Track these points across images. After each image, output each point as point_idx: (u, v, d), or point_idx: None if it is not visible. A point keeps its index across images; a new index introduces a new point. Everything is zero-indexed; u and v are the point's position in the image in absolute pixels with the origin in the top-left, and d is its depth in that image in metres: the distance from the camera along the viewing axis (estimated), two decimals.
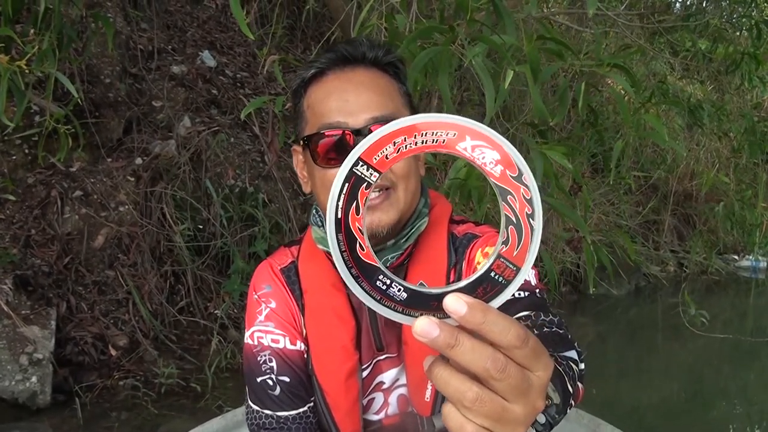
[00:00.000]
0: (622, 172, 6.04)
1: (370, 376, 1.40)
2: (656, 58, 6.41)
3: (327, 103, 1.28)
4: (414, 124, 0.71)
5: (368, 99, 1.27)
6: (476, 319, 0.61)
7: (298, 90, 1.36)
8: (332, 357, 1.35)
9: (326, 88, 1.30)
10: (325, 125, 1.26)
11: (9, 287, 3.80)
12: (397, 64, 1.36)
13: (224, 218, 4.92)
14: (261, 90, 6.02)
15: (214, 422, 2.20)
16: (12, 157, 4.39)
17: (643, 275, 8.25)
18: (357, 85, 1.28)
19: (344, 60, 1.32)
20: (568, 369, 1.03)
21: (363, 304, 1.28)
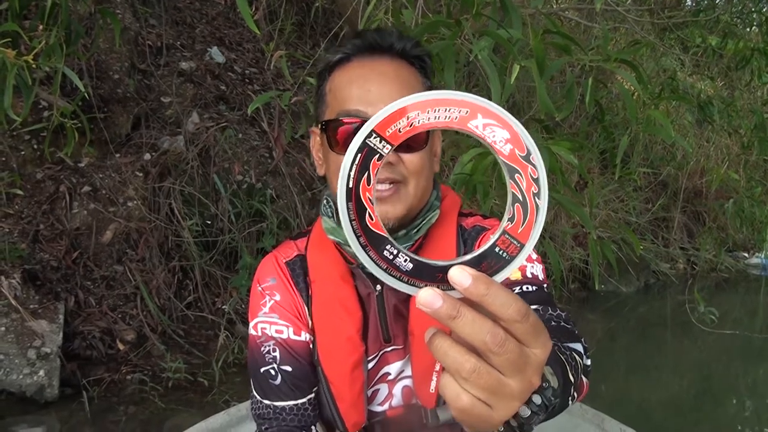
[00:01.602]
0: (632, 169, 6.01)
1: (375, 368, 1.40)
2: (666, 54, 6.38)
3: (348, 90, 1.28)
4: (428, 99, 0.72)
5: (390, 90, 1.26)
6: (479, 290, 0.63)
7: (323, 73, 1.36)
8: (338, 348, 1.35)
9: (350, 74, 1.30)
10: (344, 112, 1.26)
11: (17, 282, 3.82)
12: (424, 57, 1.35)
13: (232, 214, 4.93)
14: (269, 86, 6.02)
15: (218, 417, 2.21)
16: (21, 153, 4.40)
17: (652, 272, 8.22)
18: (380, 75, 1.28)
19: (371, 48, 1.31)
20: (571, 359, 1.04)
21: (370, 296, 1.29)
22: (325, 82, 1.35)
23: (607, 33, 2.10)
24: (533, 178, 0.73)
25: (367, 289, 1.38)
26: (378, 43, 1.31)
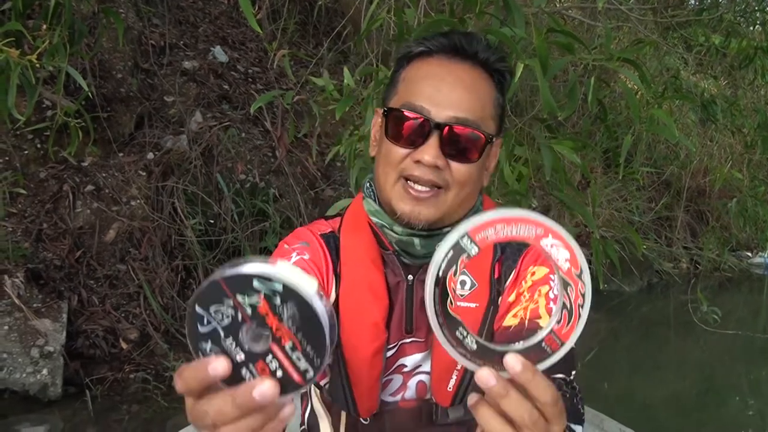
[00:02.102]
0: (635, 168, 6.00)
1: (393, 357, 1.39)
2: (670, 53, 6.37)
3: (421, 85, 1.27)
4: (515, 216, 0.87)
5: (460, 97, 1.25)
6: (527, 377, 0.78)
7: (401, 60, 1.35)
8: (362, 332, 1.34)
9: (426, 70, 1.29)
10: (409, 105, 1.25)
11: (21, 281, 3.83)
12: (504, 73, 1.33)
13: (235, 213, 4.93)
14: (272, 85, 6.02)
15: None
16: (24, 152, 4.41)
17: (655, 272, 8.22)
18: (456, 80, 1.26)
19: (455, 50, 1.29)
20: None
21: (399, 284, 1.34)
22: (401, 70, 1.34)
23: (610, 32, 2.09)
24: (581, 292, 0.89)
25: (396, 277, 1.37)
26: (463, 47, 1.29)
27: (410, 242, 1.32)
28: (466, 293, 1.37)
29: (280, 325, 0.68)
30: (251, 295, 0.67)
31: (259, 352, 0.69)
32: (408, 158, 1.25)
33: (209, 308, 0.68)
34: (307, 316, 0.67)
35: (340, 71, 2.57)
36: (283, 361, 0.69)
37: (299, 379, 0.69)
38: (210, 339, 0.69)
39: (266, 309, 0.67)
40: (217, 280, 0.67)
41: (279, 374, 0.69)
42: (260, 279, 0.67)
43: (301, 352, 0.68)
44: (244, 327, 0.68)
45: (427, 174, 1.23)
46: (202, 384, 0.68)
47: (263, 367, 0.69)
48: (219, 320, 0.68)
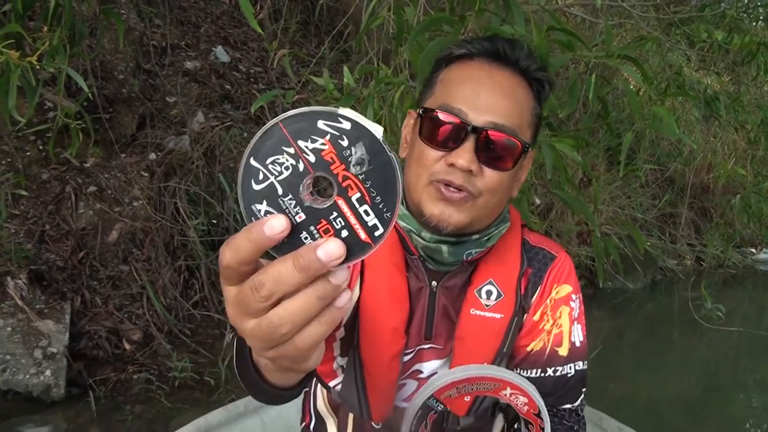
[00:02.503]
0: (638, 165, 5.99)
1: (409, 362, 1.40)
2: (672, 50, 6.36)
3: (459, 88, 1.26)
4: (472, 376, 0.98)
5: (498, 103, 1.24)
6: None
7: (440, 61, 1.34)
8: (381, 336, 1.34)
9: (466, 72, 1.28)
10: (446, 106, 1.24)
11: (23, 282, 3.83)
12: (544, 83, 1.33)
13: (238, 213, 4.93)
14: (274, 85, 6.02)
15: (216, 414, 2.21)
16: (26, 154, 4.41)
17: (659, 269, 8.20)
18: (496, 85, 1.26)
19: (497, 55, 1.29)
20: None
21: (421, 290, 1.35)
22: (440, 71, 1.33)
23: (610, 29, 2.09)
24: (541, 427, 1.03)
25: (420, 282, 1.37)
26: (505, 53, 1.28)
27: (438, 249, 1.31)
28: (491, 303, 1.38)
29: (347, 173, 0.59)
30: (315, 140, 0.59)
31: (322, 208, 0.60)
32: (441, 161, 1.24)
33: (266, 160, 0.59)
34: (378, 159, 0.59)
35: (342, 70, 2.56)
36: (349, 218, 0.60)
37: (366, 238, 0.60)
38: (265, 198, 0.60)
39: (332, 154, 0.59)
40: (276, 123, 0.59)
41: (344, 234, 0.60)
42: (326, 117, 0.59)
43: (369, 204, 0.60)
44: (305, 180, 0.60)
45: (459, 179, 1.22)
46: (256, 249, 0.57)
47: (326, 227, 0.60)
48: (277, 174, 0.59)
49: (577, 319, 1.45)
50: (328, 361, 1.41)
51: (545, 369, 1.42)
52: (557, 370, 1.41)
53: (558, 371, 1.41)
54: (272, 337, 0.59)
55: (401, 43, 2.36)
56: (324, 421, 1.53)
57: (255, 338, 0.61)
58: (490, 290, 1.37)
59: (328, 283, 0.57)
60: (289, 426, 2.31)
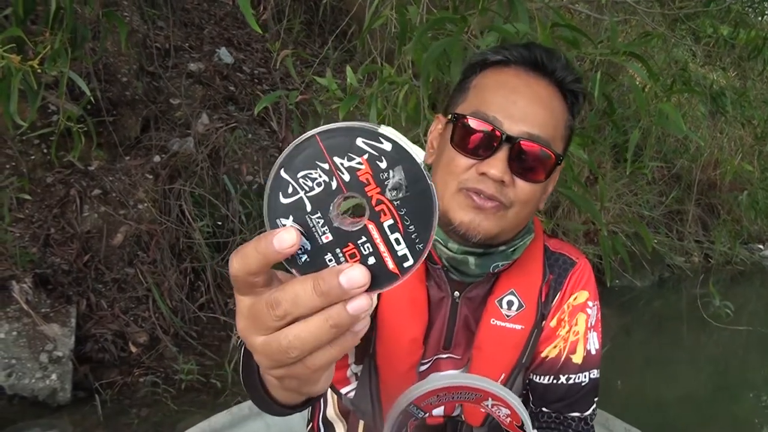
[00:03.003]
0: (644, 162, 5.97)
1: (426, 372, 1.38)
2: (678, 45, 6.33)
3: (495, 95, 1.23)
4: (453, 385, 0.98)
5: (535, 113, 1.22)
6: None
7: (474, 66, 1.32)
8: (399, 347, 1.33)
9: (502, 79, 1.26)
10: (480, 113, 1.22)
11: (29, 286, 3.82)
12: (578, 95, 1.31)
13: (243, 214, 4.93)
14: (278, 86, 6.01)
15: (220, 417, 2.20)
16: (30, 157, 4.41)
17: (667, 266, 8.15)
18: (533, 94, 1.23)
19: (534, 64, 1.26)
20: None
21: (443, 300, 1.35)
22: (472, 76, 1.31)
23: (615, 26, 2.07)
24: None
25: (441, 292, 1.36)
26: (543, 62, 1.26)
27: (464, 261, 1.28)
28: (512, 314, 1.37)
29: (381, 197, 0.56)
30: (352, 158, 0.55)
31: (351, 231, 0.57)
32: (472, 169, 1.22)
33: (298, 173, 0.56)
34: (416, 186, 0.56)
35: (345, 70, 2.55)
36: (379, 244, 0.57)
37: (394, 268, 0.57)
38: (292, 213, 0.57)
39: (368, 175, 0.56)
40: (313, 136, 0.56)
41: (371, 261, 0.57)
42: (367, 135, 0.55)
43: (402, 233, 0.56)
44: (336, 199, 0.56)
45: (490, 188, 1.20)
46: (264, 261, 0.54)
47: (353, 251, 0.57)
48: (308, 189, 0.56)
49: (594, 326, 1.44)
50: (342, 368, 1.39)
51: (558, 376, 1.41)
52: (570, 378, 1.41)
53: (571, 379, 1.41)
54: (281, 357, 0.57)
55: (404, 42, 2.34)
56: (333, 427, 1.51)
57: (263, 355, 0.59)
58: (512, 300, 1.35)
59: (345, 313, 0.54)
60: (294, 430, 2.30)
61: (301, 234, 0.56)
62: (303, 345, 0.55)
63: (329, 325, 0.53)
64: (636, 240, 6.84)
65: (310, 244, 0.57)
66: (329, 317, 0.53)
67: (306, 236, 0.57)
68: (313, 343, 0.55)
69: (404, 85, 2.45)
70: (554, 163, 1.24)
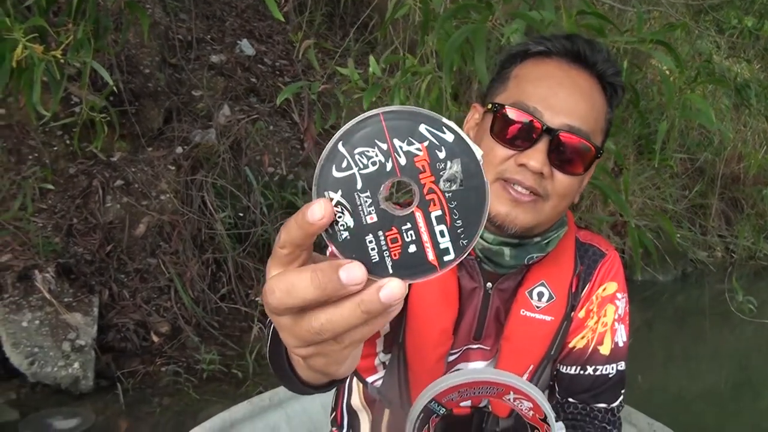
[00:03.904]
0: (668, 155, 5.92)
1: (454, 362, 1.38)
2: (702, 36, 6.26)
3: (536, 85, 1.22)
4: (476, 380, 0.97)
5: (576, 104, 1.21)
6: None
7: (515, 56, 1.31)
8: (429, 337, 1.33)
9: (544, 70, 1.25)
10: (521, 104, 1.20)
11: (52, 275, 3.86)
12: (617, 88, 1.30)
13: (264, 206, 4.94)
14: (300, 77, 6.00)
15: (241, 407, 2.20)
16: (53, 148, 4.44)
17: (689, 261, 8.08)
18: (574, 86, 1.23)
19: (576, 55, 1.25)
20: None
21: (475, 290, 1.34)
22: (512, 66, 1.30)
23: (642, 14, 2.04)
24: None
25: (473, 283, 1.35)
26: (585, 54, 1.25)
27: (500, 252, 1.28)
28: (542, 305, 1.36)
29: (434, 186, 0.55)
30: (412, 142, 0.55)
31: (397, 215, 0.55)
32: (511, 160, 1.21)
33: (355, 149, 0.55)
34: (470, 182, 0.55)
35: (367, 62, 2.54)
36: (422, 233, 0.55)
37: (434, 260, 0.55)
38: (341, 188, 0.55)
39: (425, 162, 0.55)
40: (377, 114, 0.55)
41: (411, 249, 0.55)
42: (431, 123, 0.54)
43: (448, 226, 0.55)
44: (388, 181, 0.55)
45: (528, 180, 1.19)
46: (303, 234, 0.53)
47: (395, 236, 0.55)
48: (362, 166, 0.55)
49: (622, 318, 1.44)
50: (370, 356, 1.39)
51: (585, 367, 1.41)
52: (597, 369, 1.40)
53: (598, 370, 1.41)
54: (311, 337, 0.56)
55: (427, 32, 2.33)
56: (357, 416, 1.51)
57: (290, 335, 0.58)
58: (542, 292, 1.35)
59: (378, 300, 0.52)
60: (314, 420, 2.30)
61: (347, 210, 0.55)
62: (334, 328, 0.54)
63: (361, 311, 0.53)
64: (659, 234, 6.78)
65: (353, 222, 0.55)
66: (362, 302, 0.52)
67: (351, 213, 0.55)
68: (344, 326, 0.54)
69: (427, 76, 2.43)
70: (594, 155, 1.23)
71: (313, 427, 2.29)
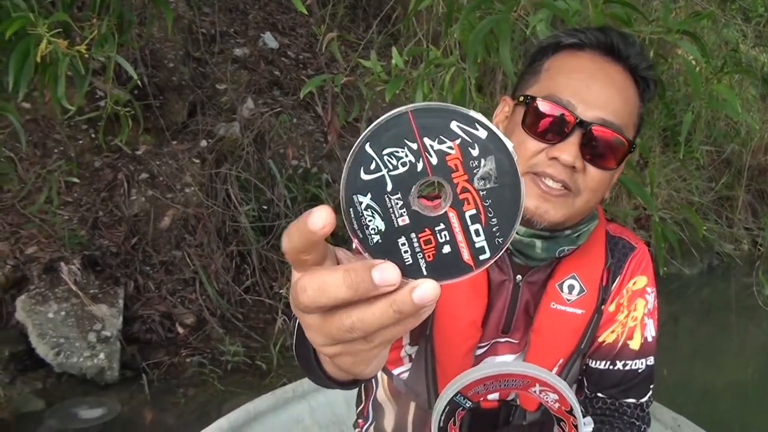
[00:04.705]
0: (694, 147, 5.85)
1: (482, 355, 1.37)
2: (728, 25, 6.17)
3: (569, 78, 1.21)
4: (501, 373, 0.98)
5: (609, 98, 1.19)
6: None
7: (546, 49, 1.29)
8: (457, 330, 1.32)
9: (577, 63, 1.24)
10: (554, 98, 1.19)
11: (77, 267, 3.90)
12: (650, 82, 1.28)
13: (288, 199, 4.95)
14: (323, 70, 6.01)
15: (264, 399, 2.22)
16: (79, 142, 4.49)
17: (716, 254, 7.99)
18: (607, 79, 1.21)
19: (609, 48, 1.24)
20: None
21: (504, 283, 1.34)
22: (544, 58, 1.28)
23: (668, 3, 2.02)
24: (574, 424, 1.05)
25: (503, 275, 1.34)
26: (618, 48, 1.24)
27: (531, 244, 1.27)
28: (573, 298, 1.35)
29: (468, 185, 0.53)
30: (444, 141, 0.52)
31: (429, 216, 0.54)
32: (542, 153, 1.19)
33: (383, 150, 0.53)
34: (505, 179, 0.53)
35: (390, 54, 2.53)
36: (457, 233, 0.54)
37: (469, 259, 0.54)
38: (371, 191, 0.53)
39: (458, 161, 0.53)
40: (405, 112, 0.52)
41: (446, 249, 0.54)
42: (462, 119, 0.52)
43: (483, 225, 0.54)
44: (419, 182, 0.53)
45: (560, 174, 1.18)
46: (304, 241, 0.52)
47: (428, 237, 0.54)
48: (391, 167, 0.53)
49: (651, 313, 1.43)
50: (396, 348, 1.38)
51: (614, 362, 1.40)
52: (627, 364, 1.40)
53: (627, 365, 1.40)
54: (341, 336, 0.55)
55: (451, 23, 2.32)
56: (382, 408, 1.50)
57: (316, 333, 0.57)
58: (573, 285, 1.34)
59: (410, 301, 0.51)
60: (337, 412, 2.30)
61: (377, 214, 0.53)
62: (365, 327, 0.53)
63: (393, 310, 0.51)
64: (685, 227, 6.71)
65: (384, 225, 0.54)
66: (394, 302, 0.51)
67: (382, 217, 0.54)
68: (376, 326, 0.53)
69: (451, 67, 2.42)
70: (626, 150, 1.21)
71: (336, 419, 2.30)
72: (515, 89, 1.35)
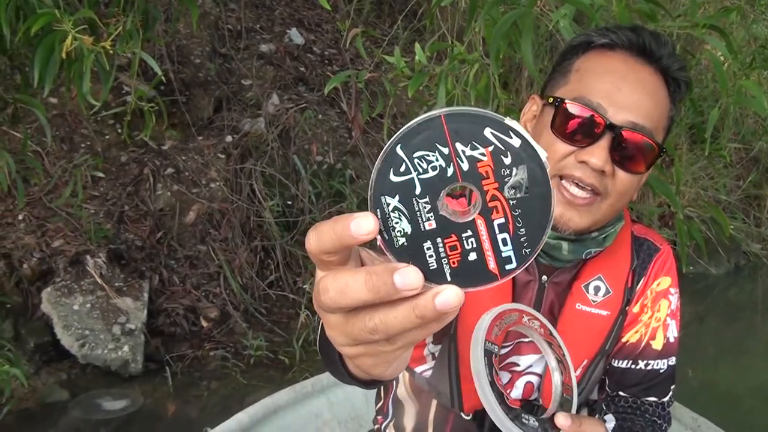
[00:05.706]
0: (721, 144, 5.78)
1: (506, 355, 1.37)
2: (757, 21, 6.08)
3: (600, 80, 1.20)
4: (503, 310, 1.10)
5: (640, 101, 1.18)
6: (574, 427, 1.08)
7: (576, 48, 1.28)
8: None
9: (608, 64, 1.22)
10: (584, 100, 1.17)
11: (103, 260, 3.94)
12: (681, 83, 1.26)
13: (312, 194, 4.96)
14: (348, 66, 6.01)
15: (284, 393, 2.23)
16: (105, 137, 4.53)
17: (742, 253, 7.89)
18: (639, 82, 1.20)
19: (641, 49, 1.22)
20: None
21: (529, 283, 1.39)
22: (574, 58, 1.27)
23: None
24: (560, 344, 1.18)
25: (528, 276, 1.34)
26: (651, 49, 1.22)
27: (558, 246, 1.26)
28: (599, 300, 1.34)
29: (498, 193, 0.53)
30: (476, 147, 0.52)
31: (457, 222, 0.53)
32: (571, 156, 1.18)
33: (414, 152, 0.52)
34: (536, 189, 0.53)
35: (414, 50, 2.52)
36: (484, 241, 0.53)
37: (495, 269, 0.54)
38: (399, 193, 0.52)
39: (489, 168, 0.52)
40: (438, 116, 0.51)
41: (471, 257, 0.53)
42: (496, 126, 0.52)
43: (511, 234, 0.53)
44: (449, 187, 0.52)
45: (589, 177, 1.16)
46: (339, 243, 0.51)
47: (454, 243, 0.53)
48: (421, 171, 0.52)
49: (674, 313, 1.43)
50: (419, 346, 1.37)
51: (636, 361, 1.40)
52: (649, 364, 1.40)
53: (650, 365, 1.40)
54: (363, 337, 0.54)
55: (475, 18, 2.30)
56: (402, 405, 1.50)
57: (338, 332, 0.57)
58: (599, 286, 1.33)
59: (433, 307, 0.50)
60: (356, 407, 2.31)
61: (404, 216, 0.53)
62: (388, 329, 0.52)
63: (415, 315, 0.51)
64: (712, 225, 6.63)
65: (411, 228, 0.53)
66: (416, 306, 0.51)
67: (408, 219, 0.53)
68: (398, 329, 0.52)
69: (475, 63, 2.40)
70: (657, 154, 1.20)
71: (355, 414, 2.31)
72: (544, 87, 1.33)
